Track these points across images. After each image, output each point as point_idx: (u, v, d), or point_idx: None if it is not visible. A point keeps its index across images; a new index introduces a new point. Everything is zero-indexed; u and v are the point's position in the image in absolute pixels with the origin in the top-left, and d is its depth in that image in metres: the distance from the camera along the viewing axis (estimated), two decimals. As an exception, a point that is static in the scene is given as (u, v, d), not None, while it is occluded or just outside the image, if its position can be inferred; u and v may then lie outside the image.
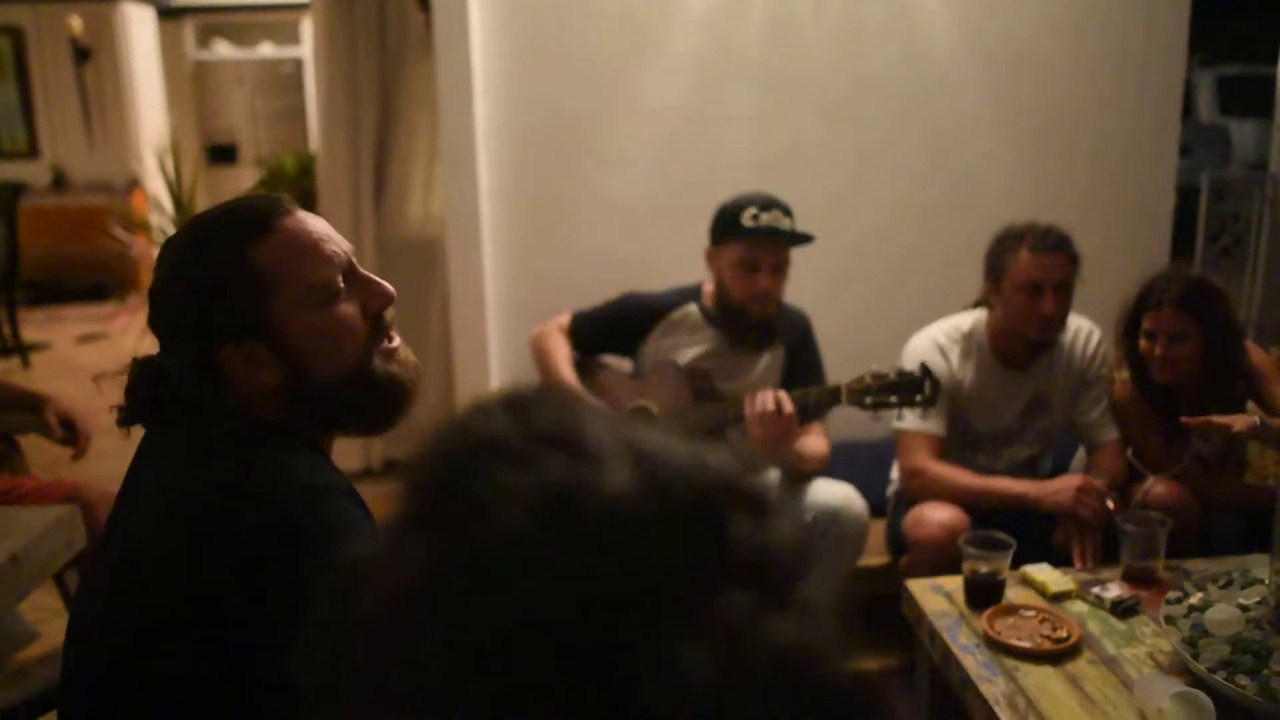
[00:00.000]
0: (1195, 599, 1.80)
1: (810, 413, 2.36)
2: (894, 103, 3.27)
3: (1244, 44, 8.31)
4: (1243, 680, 1.55)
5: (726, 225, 2.49)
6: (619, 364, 2.70)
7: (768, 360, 2.60)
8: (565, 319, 2.69)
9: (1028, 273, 2.37)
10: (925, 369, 2.20)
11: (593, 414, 0.47)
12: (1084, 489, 2.28)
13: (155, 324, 1.14)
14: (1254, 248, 5.77)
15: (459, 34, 3.15)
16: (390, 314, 1.19)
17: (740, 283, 2.49)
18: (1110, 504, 2.28)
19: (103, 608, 1.09)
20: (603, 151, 3.27)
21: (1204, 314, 2.36)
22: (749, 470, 0.47)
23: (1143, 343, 2.39)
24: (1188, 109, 10.52)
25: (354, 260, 1.17)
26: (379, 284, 1.17)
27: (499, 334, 3.36)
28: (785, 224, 2.46)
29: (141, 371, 1.18)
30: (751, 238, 2.45)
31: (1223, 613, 1.70)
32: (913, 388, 2.21)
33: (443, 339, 3.67)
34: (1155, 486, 2.39)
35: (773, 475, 0.48)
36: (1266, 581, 1.79)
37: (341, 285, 1.14)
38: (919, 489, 2.44)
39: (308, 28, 8.15)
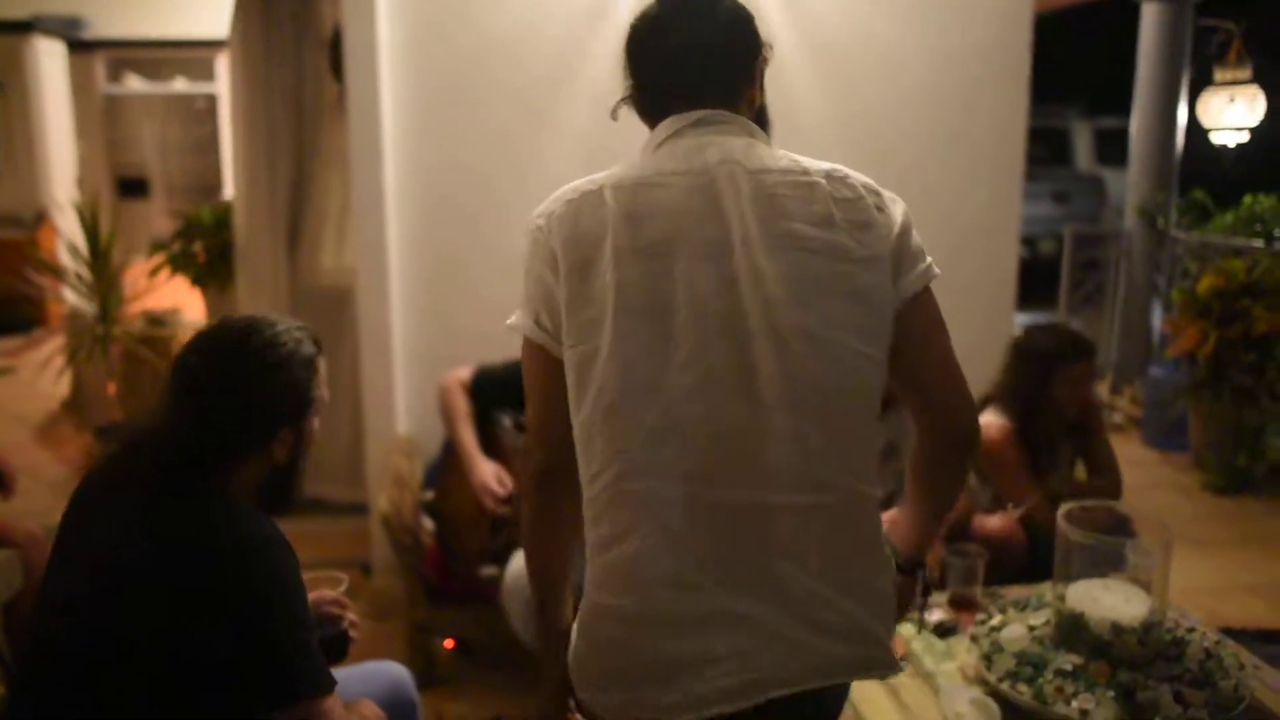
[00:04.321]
0: (996, 620, 2.12)
1: None
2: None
3: (1120, 98, 8.86)
4: (1022, 688, 1.87)
5: None
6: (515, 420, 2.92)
7: None
8: (467, 373, 2.91)
9: None
10: None
11: None
12: None
13: (239, 406, 1.54)
14: (1112, 296, 6.28)
15: (370, 101, 3.39)
16: None
17: None
18: None
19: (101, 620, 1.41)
20: (505, 211, 3.51)
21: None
22: None
23: (1065, 390, 2.77)
24: (1067, 158, 11.17)
25: None
26: None
27: (405, 380, 3.58)
28: None
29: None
30: None
31: (1013, 631, 2.02)
32: None
33: (352, 384, 3.86)
34: (987, 521, 2.73)
35: None
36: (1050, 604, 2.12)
37: None
38: None
39: (222, 64, 8.23)
